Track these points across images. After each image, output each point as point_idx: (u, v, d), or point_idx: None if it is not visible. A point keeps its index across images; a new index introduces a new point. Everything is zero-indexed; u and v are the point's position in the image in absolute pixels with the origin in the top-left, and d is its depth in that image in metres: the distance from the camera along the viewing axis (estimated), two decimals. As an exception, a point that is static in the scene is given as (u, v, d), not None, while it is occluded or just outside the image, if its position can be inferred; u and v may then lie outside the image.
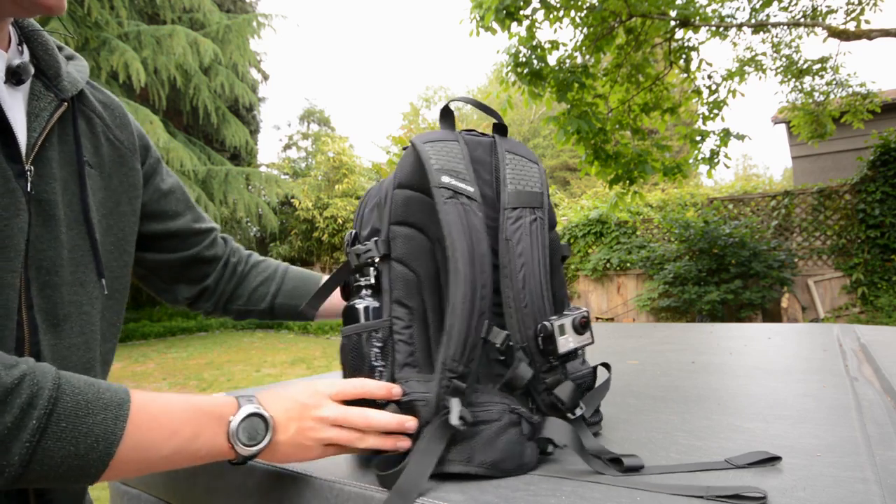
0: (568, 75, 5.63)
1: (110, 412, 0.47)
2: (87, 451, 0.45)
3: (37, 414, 0.43)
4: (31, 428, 0.43)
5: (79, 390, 0.46)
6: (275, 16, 15.21)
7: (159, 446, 0.49)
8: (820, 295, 7.37)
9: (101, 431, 0.46)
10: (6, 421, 0.42)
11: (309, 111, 21.32)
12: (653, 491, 0.49)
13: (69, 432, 0.44)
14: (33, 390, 0.44)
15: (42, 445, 0.43)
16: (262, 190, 12.56)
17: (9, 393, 0.43)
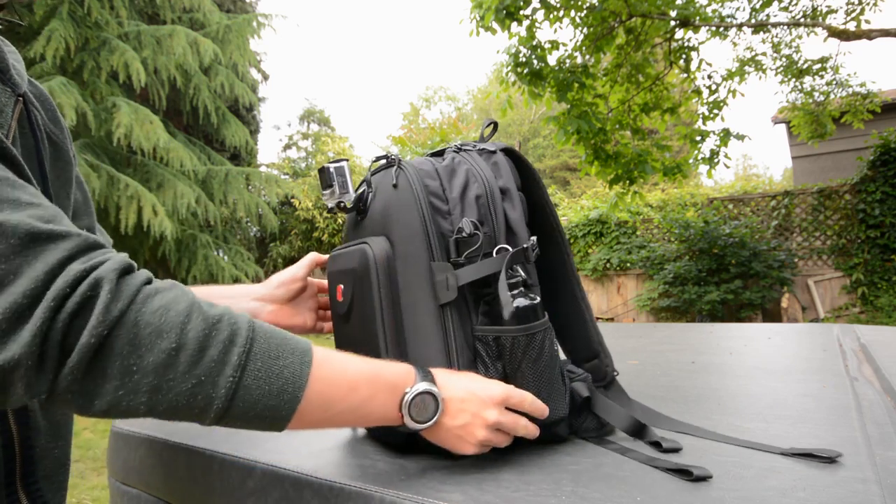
0: (568, 75, 5.63)
1: (297, 357, 0.48)
2: (280, 392, 0.46)
3: (237, 350, 0.45)
4: (233, 363, 0.44)
5: (270, 334, 0.48)
6: (275, 16, 15.20)
7: (338, 399, 0.51)
8: (820, 295, 7.37)
9: (290, 374, 0.47)
10: (212, 354, 0.44)
11: (309, 111, 21.31)
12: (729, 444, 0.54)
13: (264, 371, 0.46)
14: (233, 328, 0.45)
15: (243, 382, 0.45)
16: (262, 190, 12.55)
17: (213, 327, 0.44)
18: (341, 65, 64.67)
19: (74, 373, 0.41)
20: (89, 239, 0.45)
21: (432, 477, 0.55)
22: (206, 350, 0.44)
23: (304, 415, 0.48)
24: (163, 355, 0.42)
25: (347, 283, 0.66)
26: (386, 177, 0.67)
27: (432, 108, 30.90)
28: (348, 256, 0.67)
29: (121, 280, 0.43)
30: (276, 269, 13.46)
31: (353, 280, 0.65)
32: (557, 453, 0.61)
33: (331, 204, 0.70)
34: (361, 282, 0.64)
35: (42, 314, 0.40)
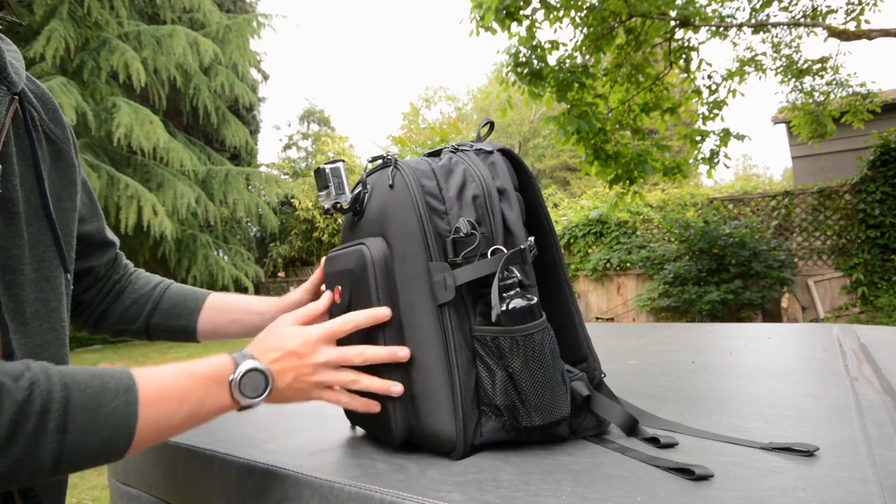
0: (568, 75, 5.63)
1: (121, 398, 0.49)
2: (111, 436, 0.48)
3: (54, 416, 0.45)
4: (51, 431, 0.45)
5: (85, 384, 0.48)
6: (275, 16, 15.20)
7: (172, 416, 0.52)
8: (820, 295, 7.37)
9: (117, 418, 0.48)
10: (28, 430, 0.44)
11: (309, 111, 21.31)
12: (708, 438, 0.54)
13: (88, 426, 0.46)
14: (44, 396, 0.45)
15: (67, 443, 0.45)
16: (262, 190, 12.55)
17: (23, 404, 0.44)
18: (341, 65, 64.64)
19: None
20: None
21: (432, 477, 0.55)
22: (20, 427, 0.43)
23: (140, 441, 0.50)
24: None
25: (345, 284, 0.66)
26: (382, 177, 0.67)
27: (432, 108, 30.91)
28: (345, 257, 0.67)
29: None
30: (275, 269, 13.46)
31: (350, 281, 0.65)
32: (557, 453, 0.61)
33: (327, 205, 0.71)
34: (359, 282, 0.64)
35: None
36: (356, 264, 0.64)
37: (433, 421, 0.61)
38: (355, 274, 0.64)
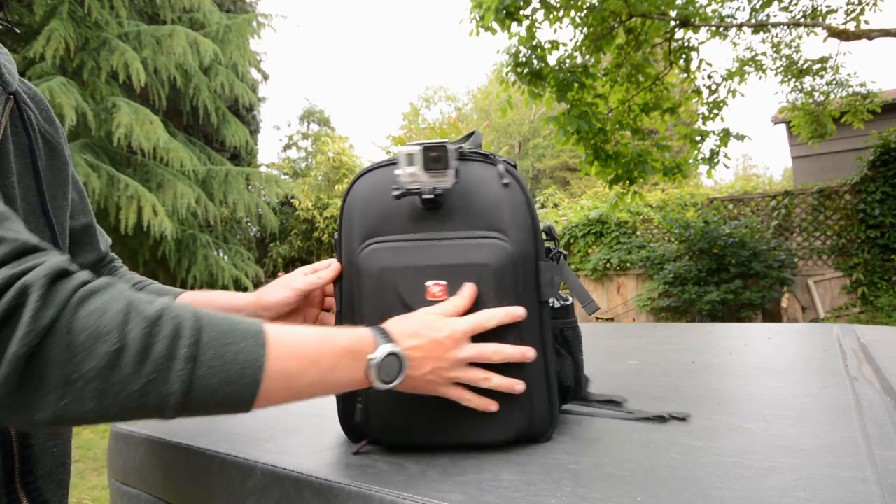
0: (568, 75, 5.63)
1: (250, 339, 0.47)
2: (238, 377, 0.46)
3: (184, 343, 0.44)
4: (182, 357, 0.43)
5: (217, 321, 0.47)
6: (275, 16, 15.18)
7: (301, 374, 0.50)
8: (820, 295, 7.37)
9: (245, 358, 0.46)
10: (158, 351, 0.42)
11: (309, 111, 21.32)
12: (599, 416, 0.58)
13: (218, 360, 0.45)
14: (176, 322, 0.44)
15: (197, 374, 0.44)
16: (262, 190, 12.55)
17: (154, 324, 0.43)
18: (341, 65, 64.69)
19: (6, 386, 0.39)
20: (26, 243, 0.43)
21: (432, 477, 0.55)
22: (151, 347, 0.42)
23: (268, 394, 0.48)
24: (105, 359, 0.41)
25: (459, 280, 0.61)
26: (474, 171, 0.66)
27: (432, 108, 30.90)
28: (464, 249, 0.62)
29: (52, 285, 0.41)
30: (275, 269, 13.46)
31: (480, 276, 0.61)
32: (557, 453, 0.61)
33: (446, 186, 0.63)
34: (499, 278, 0.61)
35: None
36: (494, 259, 0.61)
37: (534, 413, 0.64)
38: (493, 268, 0.61)
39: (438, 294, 0.61)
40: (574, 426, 0.72)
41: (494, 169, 0.66)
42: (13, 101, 0.62)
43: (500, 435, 0.63)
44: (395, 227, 0.65)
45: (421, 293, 0.61)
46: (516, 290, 0.62)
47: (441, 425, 0.62)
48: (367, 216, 0.65)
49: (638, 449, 0.61)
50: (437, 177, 0.62)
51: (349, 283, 0.66)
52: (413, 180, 0.62)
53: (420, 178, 0.62)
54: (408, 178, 0.62)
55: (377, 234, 0.65)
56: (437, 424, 0.62)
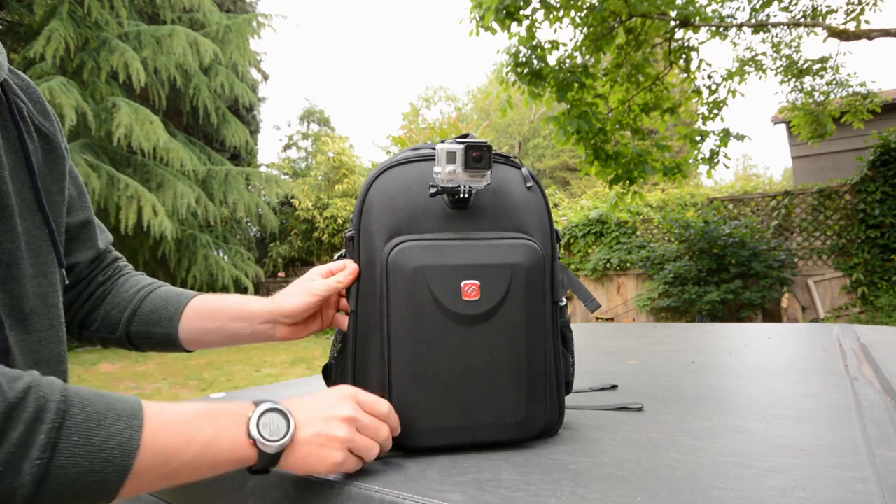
0: (568, 75, 5.63)
1: (124, 422, 0.44)
2: (104, 465, 0.42)
3: (45, 428, 0.40)
4: (40, 444, 0.40)
5: (88, 401, 0.43)
6: (275, 16, 15.22)
7: (178, 453, 0.47)
8: (820, 295, 7.37)
9: (116, 443, 0.43)
10: (13, 438, 0.39)
11: (309, 111, 21.32)
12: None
13: (82, 446, 0.41)
14: (39, 403, 0.41)
15: (54, 462, 0.40)
16: (262, 190, 12.56)
17: (13, 408, 0.40)
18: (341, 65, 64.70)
19: None
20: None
21: (432, 477, 0.55)
22: (6, 434, 0.39)
23: (140, 478, 0.44)
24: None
25: (495, 279, 0.61)
26: (500, 171, 0.67)
27: (432, 108, 30.91)
28: (501, 249, 0.62)
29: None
30: (275, 269, 13.45)
31: (512, 275, 0.61)
32: (557, 453, 0.61)
33: (480, 186, 0.62)
34: (529, 278, 0.62)
35: None
36: (526, 259, 0.62)
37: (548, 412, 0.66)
38: (525, 269, 0.62)
39: (472, 294, 0.60)
40: (574, 426, 0.72)
41: (518, 172, 0.68)
42: (2, 94, 0.60)
43: (521, 434, 0.64)
44: (426, 225, 0.63)
45: (456, 293, 0.60)
46: (543, 290, 0.64)
47: (465, 428, 0.62)
48: (394, 213, 0.63)
49: (638, 449, 0.61)
50: (475, 176, 0.61)
51: (371, 283, 0.64)
52: (450, 178, 0.61)
53: (458, 177, 0.61)
54: (446, 175, 0.61)
55: (405, 232, 0.63)
56: (461, 427, 0.62)
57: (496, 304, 0.61)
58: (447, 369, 0.60)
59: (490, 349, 0.61)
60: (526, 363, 0.62)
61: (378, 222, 0.64)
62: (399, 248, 0.61)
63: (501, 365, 0.61)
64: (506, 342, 0.61)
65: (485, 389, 0.61)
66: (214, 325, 0.73)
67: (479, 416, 0.61)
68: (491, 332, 0.61)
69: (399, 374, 0.60)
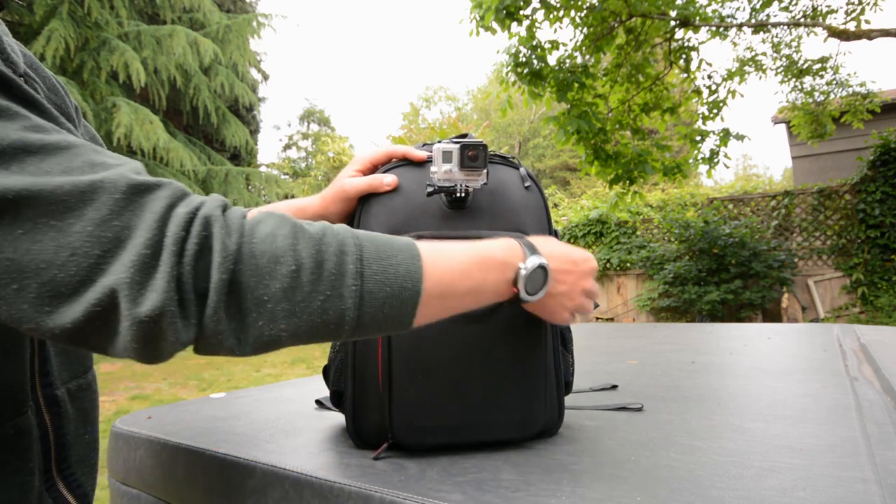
0: (568, 75, 5.63)
1: (405, 253, 0.48)
2: (401, 290, 0.46)
3: (351, 259, 0.44)
4: (351, 272, 0.44)
5: (372, 237, 0.48)
6: (275, 16, 15.22)
7: (454, 286, 0.50)
8: (820, 295, 7.37)
9: (405, 271, 0.47)
10: (329, 268, 0.43)
11: (309, 111, 21.32)
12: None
13: (381, 273, 0.46)
14: (338, 239, 0.45)
15: (365, 287, 0.45)
16: (262, 190, 12.57)
17: (320, 242, 0.44)
18: (341, 65, 64.68)
19: (218, 312, 0.40)
20: (180, 185, 0.45)
21: (432, 477, 0.55)
22: (323, 264, 0.43)
23: (425, 307, 0.48)
24: (286, 279, 0.42)
25: None
26: (498, 171, 0.68)
27: (432, 108, 30.92)
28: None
29: (226, 216, 0.43)
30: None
31: None
32: (557, 453, 0.61)
33: (477, 185, 0.63)
34: None
35: (168, 260, 0.39)
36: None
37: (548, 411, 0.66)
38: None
39: None
40: (574, 426, 0.72)
41: (516, 172, 0.68)
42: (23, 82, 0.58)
43: (521, 433, 0.64)
44: (424, 225, 0.64)
45: None
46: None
47: (465, 427, 0.62)
48: (392, 213, 0.64)
49: (638, 449, 0.61)
50: (471, 175, 0.62)
51: None
52: (447, 178, 0.62)
53: (454, 177, 0.62)
54: (442, 175, 0.62)
55: (404, 232, 0.63)
56: (462, 426, 0.62)
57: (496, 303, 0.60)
58: (448, 368, 0.60)
59: (490, 348, 0.61)
60: (526, 362, 0.62)
61: (376, 222, 0.64)
62: None
63: (501, 364, 0.61)
64: (505, 341, 0.62)
65: (485, 388, 0.61)
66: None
67: (479, 414, 0.61)
68: (491, 331, 0.61)
69: (400, 373, 0.60)
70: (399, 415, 0.60)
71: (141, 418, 0.88)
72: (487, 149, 0.62)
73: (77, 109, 0.71)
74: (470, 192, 0.63)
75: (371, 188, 0.66)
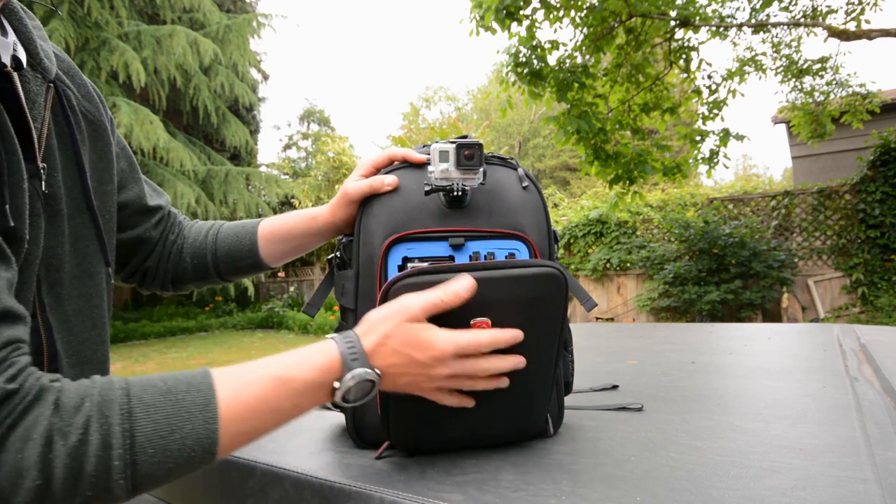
0: (568, 75, 5.63)
1: (197, 419, 0.44)
2: (188, 460, 0.44)
3: (116, 453, 0.41)
4: (118, 468, 0.41)
5: (156, 405, 0.43)
6: (275, 16, 15.21)
7: (259, 427, 0.48)
8: (820, 295, 7.37)
9: (193, 442, 0.44)
10: (90, 470, 0.40)
11: (309, 111, 21.32)
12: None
13: (161, 454, 0.43)
14: (103, 431, 0.41)
15: (140, 472, 0.42)
16: (262, 190, 12.57)
17: (78, 445, 0.40)
18: (341, 65, 64.69)
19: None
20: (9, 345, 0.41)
21: (432, 477, 0.55)
22: (82, 470, 0.40)
23: (225, 451, 0.46)
24: (31, 494, 0.38)
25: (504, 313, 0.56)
26: (496, 172, 0.68)
27: (432, 108, 30.92)
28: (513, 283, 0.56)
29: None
30: (275, 269, 13.45)
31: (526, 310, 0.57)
32: (557, 453, 0.61)
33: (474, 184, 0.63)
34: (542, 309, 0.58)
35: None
36: (546, 291, 0.57)
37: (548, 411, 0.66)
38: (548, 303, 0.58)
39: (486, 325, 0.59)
40: (574, 426, 0.72)
41: (514, 172, 0.69)
42: (53, 90, 0.58)
43: (521, 436, 0.65)
44: (422, 224, 0.64)
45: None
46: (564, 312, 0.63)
47: (465, 432, 0.62)
48: (392, 213, 0.65)
49: (638, 449, 0.61)
50: (468, 175, 0.63)
51: (369, 280, 0.64)
52: (444, 177, 0.63)
53: (451, 176, 0.63)
54: (439, 174, 0.63)
55: (403, 231, 0.64)
56: (462, 431, 0.62)
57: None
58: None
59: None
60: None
61: (376, 222, 0.65)
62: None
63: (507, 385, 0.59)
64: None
65: (484, 401, 0.59)
66: (294, 245, 0.80)
67: (478, 426, 0.61)
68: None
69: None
70: (398, 431, 0.60)
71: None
72: (483, 148, 0.63)
73: (111, 120, 0.71)
74: (467, 190, 0.64)
75: (372, 189, 0.66)
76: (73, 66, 0.66)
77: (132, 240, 0.76)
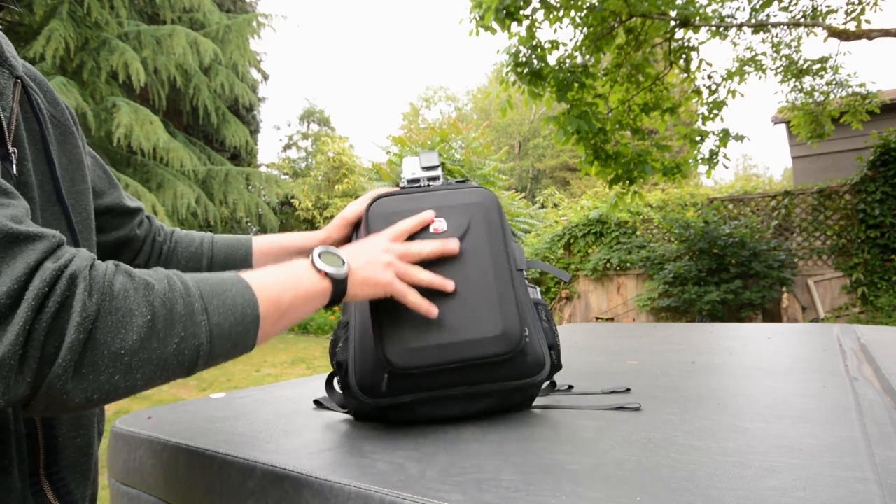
0: (568, 75, 5.63)
1: (237, 285, 0.54)
2: (242, 316, 0.52)
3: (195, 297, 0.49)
4: (198, 310, 0.49)
5: (202, 276, 0.53)
6: (275, 16, 15.18)
7: (280, 297, 0.57)
8: (820, 295, 7.37)
9: (241, 299, 0.53)
10: (179, 310, 0.48)
11: (309, 111, 21.30)
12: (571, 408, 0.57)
13: (223, 306, 0.51)
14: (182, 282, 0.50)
15: (213, 321, 0.50)
16: (262, 190, 12.57)
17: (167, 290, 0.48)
18: (341, 65, 64.70)
19: (67, 371, 0.41)
20: (58, 237, 0.46)
21: (432, 477, 0.55)
22: (174, 308, 0.47)
23: (265, 327, 0.55)
24: (143, 330, 0.45)
25: (458, 216, 0.73)
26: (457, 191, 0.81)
27: (432, 108, 30.93)
28: (459, 194, 0.75)
29: (91, 274, 0.45)
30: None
31: (472, 213, 0.73)
32: (557, 453, 0.61)
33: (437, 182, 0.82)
34: (485, 213, 0.73)
35: (24, 314, 0.40)
36: (485, 198, 0.75)
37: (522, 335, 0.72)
38: (485, 206, 0.74)
39: (441, 229, 0.73)
40: (574, 426, 0.72)
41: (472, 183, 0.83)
42: (20, 86, 0.60)
43: (502, 348, 0.69)
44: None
45: (426, 229, 0.73)
46: (500, 227, 0.74)
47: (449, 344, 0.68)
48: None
49: (638, 449, 0.61)
50: (430, 173, 0.82)
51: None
52: (413, 173, 0.82)
53: (418, 173, 0.82)
54: (410, 175, 0.82)
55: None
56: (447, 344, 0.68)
57: (461, 235, 0.72)
58: (427, 292, 0.68)
59: (462, 271, 0.70)
60: (494, 283, 0.70)
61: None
62: (378, 201, 0.75)
63: (474, 285, 0.70)
64: (474, 265, 0.71)
65: (462, 306, 0.69)
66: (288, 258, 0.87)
67: (460, 331, 0.68)
68: (460, 257, 0.71)
69: (386, 311, 0.68)
70: (391, 343, 0.68)
71: (141, 418, 0.88)
72: (439, 155, 0.84)
73: (79, 127, 0.73)
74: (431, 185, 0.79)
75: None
76: (40, 76, 0.69)
77: (118, 240, 0.81)
